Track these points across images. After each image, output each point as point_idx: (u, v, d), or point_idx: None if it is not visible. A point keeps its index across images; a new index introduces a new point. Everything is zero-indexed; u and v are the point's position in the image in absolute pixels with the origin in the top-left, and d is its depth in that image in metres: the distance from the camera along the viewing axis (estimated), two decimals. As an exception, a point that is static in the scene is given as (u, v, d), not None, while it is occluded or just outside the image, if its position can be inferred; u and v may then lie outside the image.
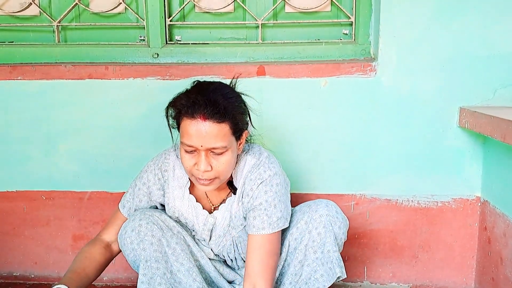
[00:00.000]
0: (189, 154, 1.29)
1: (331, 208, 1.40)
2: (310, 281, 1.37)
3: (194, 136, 1.24)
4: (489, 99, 1.76)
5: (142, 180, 1.49)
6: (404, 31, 1.73)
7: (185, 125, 1.26)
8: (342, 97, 1.80)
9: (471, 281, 1.88)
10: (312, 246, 1.37)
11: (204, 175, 1.28)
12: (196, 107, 1.24)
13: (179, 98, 1.30)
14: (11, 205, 1.95)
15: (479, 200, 1.83)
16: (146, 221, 1.37)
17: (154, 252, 1.35)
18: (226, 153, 1.28)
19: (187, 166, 1.30)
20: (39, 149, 1.90)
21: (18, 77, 1.86)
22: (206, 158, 1.27)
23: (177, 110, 1.29)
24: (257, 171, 1.37)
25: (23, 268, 1.99)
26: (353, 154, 1.83)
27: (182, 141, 1.28)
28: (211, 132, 1.24)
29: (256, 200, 1.35)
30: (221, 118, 1.24)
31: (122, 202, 1.52)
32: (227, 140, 1.27)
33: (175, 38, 1.96)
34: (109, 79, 1.84)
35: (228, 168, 1.31)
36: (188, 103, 1.25)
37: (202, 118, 1.23)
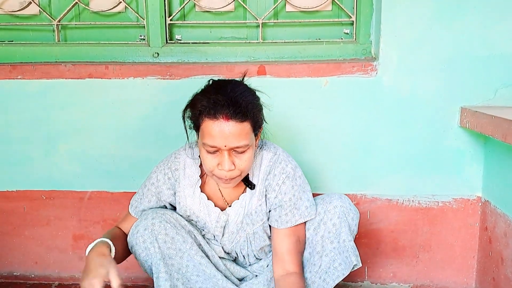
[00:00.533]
0: (212, 154, 1.28)
1: (345, 200, 1.43)
2: (330, 270, 1.39)
3: (218, 136, 1.23)
4: (490, 99, 1.75)
5: (151, 180, 1.48)
6: (405, 31, 1.73)
7: (207, 126, 1.24)
8: (343, 97, 1.79)
9: (471, 281, 1.88)
10: (328, 237, 1.40)
11: (228, 174, 1.28)
12: (218, 108, 1.22)
13: (198, 99, 1.28)
14: (11, 205, 1.95)
15: (480, 200, 1.83)
16: (159, 220, 1.37)
17: (168, 250, 1.36)
18: (248, 150, 1.29)
19: (210, 166, 1.29)
20: (39, 148, 1.90)
21: (18, 76, 1.85)
22: (230, 157, 1.27)
23: (198, 111, 1.27)
24: (279, 166, 1.39)
25: (24, 268, 1.99)
26: (354, 154, 1.83)
27: (204, 142, 1.26)
28: (235, 132, 1.23)
29: (286, 196, 1.39)
30: (244, 118, 1.24)
31: (131, 203, 1.53)
32: (249, 138, 1.27)
33: (175, 38, 1.95)
34: (109, 79, 1.83)
35: (249, 165, 1.32)
36: (209, 104, 1.23)
37: (225, 118, 1.22)
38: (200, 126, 1.27)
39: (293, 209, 1.40)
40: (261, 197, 1.43)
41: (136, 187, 1.88)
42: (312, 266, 1.42)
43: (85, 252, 1.33)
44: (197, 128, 1.30)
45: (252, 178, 1.43)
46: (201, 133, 1.28)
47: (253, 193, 1.43)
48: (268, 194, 1.42)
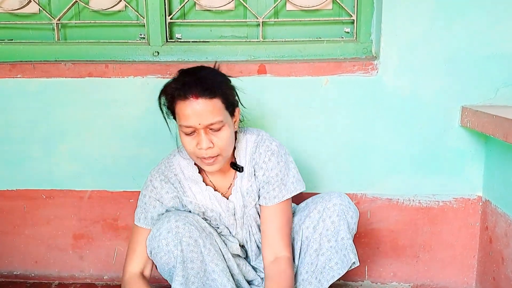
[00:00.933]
0: (189, 136, 1.32)
1: (344, 198, 1.44)
2: (325, 270, 1.39)
3: (191, 115, 1.28)
4: (491, 98, 1.75)
5: (148, 189, 1.48)
6: (406, 30, 1.72)
7: (180, 107, 1.30)
8: (343, 96, 1.79)
9: (472, 280, 1.88)
10: (326, 235, 1.40)
11: (208, 152, 1.31)
12: (186, 88, 1.28)
13: (168, 85, 1.35)
14: (11, 204, 1.94)
15: (480, 199, 1.82)
16: (183, 222, 1.36)
17: (190, 253, 1.35)
18: (223, 128, 1.32)
19: (190, 148, 1.33)
20: (39, 147, 1.89)
21: (18, 75, 1.85)
22: (206, 135, 1.30)
23: (169, 95, 1.33)
24: (264, 144, 1.44)
25: (24, 267, 1.99)
26: (354, 153, 1.83)
27: (180, 124, 1.32)
28: (206, 108, 1.28)
29: (272, 172, 1.43)
30: (213, 94, 1.29)
31: (136, 217, 1.50)
32: (222, 114, 1.31)
33: (175, 36, 1.94)
34: (109, 78, 1.83)
35: (228, 143, 1.35)
36: (178, 85, 1.30)
37: (194, 97, 1.27)
38: (175, 110, 1.33)
39: (280, 184, 1.43)
40: (251, 177, 1.46)
41: (136, 186, 1.88)
42: (309, 265, 1.42)
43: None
44: (173, 113, 1.35)
45: (240, 161, 1.47)
46: (177, 117, 1.33)
47: (242, 175, 1.46)
48: (256, 173, 1.45)
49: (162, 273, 1.44)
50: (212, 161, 1.34)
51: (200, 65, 1.39)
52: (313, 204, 1.47)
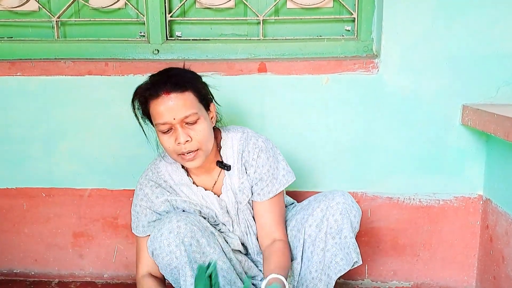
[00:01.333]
0: (167, 134, 1.34)
1: (347, 197, 1.44)
2: (332, 265, 1.40)
3: (164, 112, 1.30)
4: (492, 97, 1.74)
5: (139, 197, 1.50)
6: (407, 28, 1.71)
7: (154, 106, 1.32)
8: (344, 95, 1.78)
9: (472, 279, 1.87)
10: (330, 233, 1.40)
11: (187, 147, 1.32)
12: (157, 86, 1.32)
13: (139, 88, 1.38)
14: (11, 202, 1.94)
15: (481, 198, 1.82)
16: (185, 222, 1.35)
17: (193, 253, 1.35)
18: (199, 121, 1.34)
19: (169, 146, 1.34)
20: (38, 145, 1.89)
21: (18, 73, 1.84)
22: (183, 129, 1.32)
23: (142, 97, 1.36)
24: (251, 142, 1.46)
25: (23, 265, 1.99)
26: (355, 152, 1.82)
27: (156, 123, 1.33)
28: (178, 102, 1.30)
29: (264, 168, 1.45)
30: (183, 88, 1.32)
31: (133, 227, 1.53)
32: (196, 107, 1.33)
33: (175, 34, 1.94)
34: (109, 76, 1.82)
35: (206, 136, 1.36)
36: (148, 86, 1.34)
37: (166, 93, 1.30)
38: (149, 111, 1.35)
39: (272, 179, 1.46)
40: (242, 175, 1.47)
41: (135, 184, 1.87)
42: (318, 264, 1.42)
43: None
44: (148, 116, 1.38)
45: (227, 160, 1.47)
46: (152, 118, 1.36)
47: (231, 173, 1.47)
48: (248, 171, 1.47)
49: (164, 274, 1.43)
50: (193, 156, 1.34)
51: (169, 67, 1.43)
52: (316, 203, 1.47)
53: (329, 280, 1.41)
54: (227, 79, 1.78)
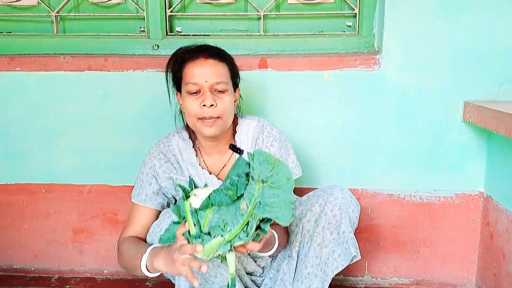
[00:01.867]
0: (194, 96, 1.38)
1: (346, 192, 1.44)
2: (329, 261, 1.40)
3: (199, 73, 1.36)
4: (494, 94, 1.73)
5: (147, 166, 1.51)
6: (409, 24, 1.70)
7: (189, 67, 1.38)
8: (345, 91, 1.77)
9: (472, 276, 1.87)
10: (328, 228, 1.40)
11: (209, 111, 1.36)
12: (198, 50, 1.40)
13: (179, 49, 1.45)
14: (10, 198, 1.94)
15: (482, 195, 1.82)
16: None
17: None
18: (227, 93, 1.39)
19: (193, 108, 1.37)
20: (38, 141, 1.88)
21: (17, 68, 1.83)
22: (211, 94, 1.37)
23: (180, 57, 1.41)
24: (266, 130, 1.50)
25: (23, 261, 1.98)
26: (356, 148, 1.82)
27: (187, 82, 1.37)
28: (214, 68, 1.37)
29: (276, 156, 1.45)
30: (221, 59, 1.40)
31: (133, 194, 1.53)
32: (228, 79, 1.40)
33: (175, 30, 1.92)
34: (109, 71, 1.81)
35: (229, 109, 1.40)
36: (189, 49, 1.42)
37: (204, 58, 1.37)
38: (183, 72, 1.40)
39: None
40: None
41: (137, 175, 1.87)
42: (314, 259, 1.42)
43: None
44: (180, 77, 1.41)
45: (240, 145, 1.50)
46: (184, 78, 1.40)
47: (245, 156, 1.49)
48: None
49: None
50: (213, 121, 1.37)
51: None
52: (314, 198, 1.47)
53: (325, 277, 1.41)
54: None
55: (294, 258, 1.46)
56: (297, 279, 1.45)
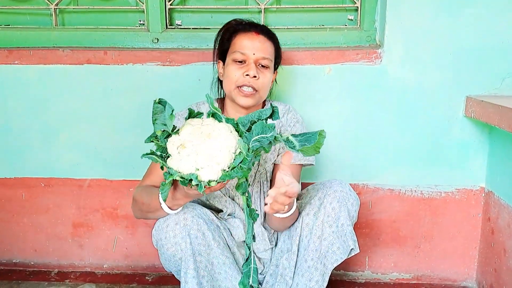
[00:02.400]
0: (238, 64, 1.44)
1: (345, 186, 1.44)
2: (328, 254, 1.40)
3: (249, 45, 1.43)
4: (496, 88, 1.72)
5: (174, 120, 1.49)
6: (411, 18, 1.69)
7: (240, 37, 1.46)
8: (346, 85, 1.76)
9: (473, 271, 1.87)
10: (327, 221, 1.40)
11: (251, 81, 1.42)
12: (251, 25, 1.49)
13: (233, 20, 1.53)
14: (10, 192, 1.93)
15: (483, 190, 1.81)
16: (191, 215, 1.35)
17: (198, 246, 1.34)
18: (268, 70, 1.46)
19: (235, 75, 1.43)
20: (37, 135, 1.87)
21: (15, 61, 1.82)
22: (255, 67, 1.43)
23: (232, 27, 1.50)
24: (291, 113, 1.57)
25: (23, 255, 1.98)
26: (357, 143, 1.81)
27: (235, 51, 1.44)
28: (263, 44, 1.45)
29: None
30: (270, 38, 1.48)
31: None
32: (272, 57, 1.48)
33: (175, 23, 1.91)
34: (108, 65, 1.80)
35: (267, 85, 1.47)
36: (243, 22, 1.50)
37: (256, 32, 1.46)
38: (232, 41, 1.47)
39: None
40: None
41: (135, 175, 1.87)
42: (314, 252, 1.42)
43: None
44: (228, 46, 1.48)
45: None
46: (232, 47, 1.47)
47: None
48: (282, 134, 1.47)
49: (166, 265, 1.43)
50: (250, 93, 1.43)
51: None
52: (313, 191, 1.47)
53: (325, 270, 1.41)
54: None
55: (295, 252, 1.46)
56: (297, 273, 1.44)
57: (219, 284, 1.40)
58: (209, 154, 1.12)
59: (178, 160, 1.13)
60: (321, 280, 1.42)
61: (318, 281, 1.42)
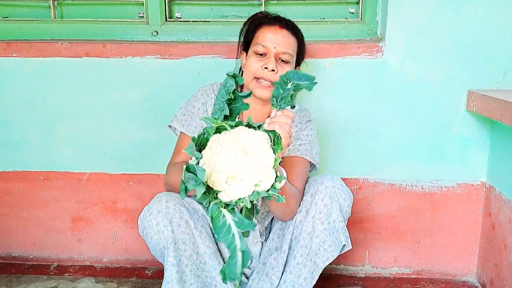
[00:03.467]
0: (258, 56, 1.45)
1: (336, 181, 1.42)
2: (320, 252, 1.39)
3: (271, 38, 1.44)
4: (498, 83, 1.71)
5: (200, 101, 1.53)
6: (413, 11, 1.67)
7: (264, 30, 1.46)
8: (347, 79, 1.75)
9: (473, 266, 1.87)
10: (319, 218, 1.39)
11: (269, 75, 1.42)
12: (276, 19, 1.49)
13: (259, 13, 1.54)
14: (8, 186, 1.92)
15: (484, 185, 1.80)
16: (174, 203, 1.35)
17: (181, 234, 1.34)
18: (289, 65, 1.46)
19: (254, 66, 1.44)
20: (36, 128, 1.86)
21: (13, 54, 1.80)
22: (275, 61, 1.43)
23: (257, 19, 1.50)
24: (303, 113, 1.58)
25: (22, 249, 1.98)
26: (357, 138, 1.80)
27: (258, 43, 1.45)
28: (285, 38, 1.45)
29: (304, 132, 1.53)
30: (294, 33, 1.48)
31: (182, 124, 1.51)
32: (294, 53, 1.48)
33: (175, 15, 1.89)
34: (107, 58, 1.78)
35: None
36: (268, 15, 1.51)
37: (279, 27, 1.46)
38: (256, 33, 1.48)
39: (308, 145, 1.51)
40: None
41: (135, 169, 1.86)
42: (304, 248, 1.41)
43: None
44: (252, 37, 1.49)
45: None
46: (255, 39, 1.48)
47: None
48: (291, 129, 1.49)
49: (154, 254, 1.42)
50: (267, 85, 1.43)
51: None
52: (306, 188, 1.46)
53: (315, 267, 1.40)
54: (228, 62, 1.74)
55: (285, 251, 1.44)
56: (286, 269, 1.43)
57: (206, 274, 1.38)
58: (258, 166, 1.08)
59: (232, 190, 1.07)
60: (309, 277, 1.40)
61: (306, 278, 1.40)
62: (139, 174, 1.87)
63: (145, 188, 1.88)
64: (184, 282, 1.34)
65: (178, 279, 1.33)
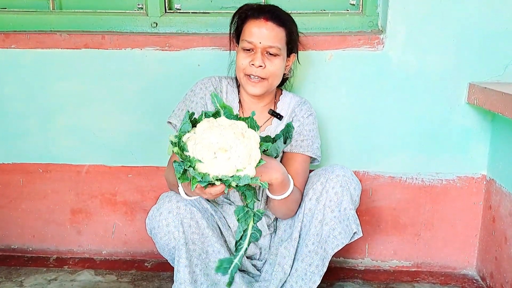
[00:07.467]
0: (246, 52, 1.44)
1: (347, 170, 1.44)
2: (329, 239, 1.40)
3: (256, 33, 1.42)
4: (499, 75, 1.70)
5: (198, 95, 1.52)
6: (414, 3, 1.66)
7: (249, 24, 1.44)
8: (348, 71, 1.74)
9: (473, 259, 1.87)
10: (329, 206, 1.40)
11: (257, 71, 1.42)
12: (261, 10, 1.46)
13: (245, 5, 1.52)
14: (7, 178, 1.92)
15: (484, 178, 1.80)
16: (184, 203, 1.35)
17: (192, 235, 1.34)
18: (278, 57, 1.45)
19: (242, 63, 1.44)
20: (35, 120, 1.85)
21: (12, 45, 1.79)
22: (262, 56, 1.42)
23: (244, 13, 1.48)
24: (305, 106, 1.57)
25: (21, 241, 1.97)
26: (358, 130, 1.79)
27: (243, 39, 1.44)
28: (271, 32, 1.43)
29: (306, 127, 1.54)
30: (280, 23, 1.45)
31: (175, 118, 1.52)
32: (282, 44, 1.45)
33: (174, 7, 1.88)
34: (106, 49, 1.77)
35: (277, 72, 1.46)
36: (254, 7, 1.48)
37: (265, 19, 1.43)
38: (244, 26, 1.46)
39: (309, 141, 1.52)
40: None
41: (134, 161, 1.86)
42: (315, 236, 1.41)
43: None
44: (240, 32, 1.48)
45: (281, 111, 1.56)
46: (242, 33, 1.47)
47: (279, 123, 1.55)
48: (293, 123, 1.53)
49: (161, 253, 1.43)
50: (258, 81, 1.43)
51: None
52: (316, 177, 1.47)
53: (325, 255, 1.41)
54: (228, 54, 1.72)
55: (296, 239, 1.45)
56: (297, 258, 1.44)
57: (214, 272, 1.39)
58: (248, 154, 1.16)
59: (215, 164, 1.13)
60: (321, 264, 1.42)
61: (318, 265, 1.42)
62: (139, 167, 1.87)
63: (145, 180, 1.88)
64: (195, 282, 1.35)
65: (190, 280, 1.33)
